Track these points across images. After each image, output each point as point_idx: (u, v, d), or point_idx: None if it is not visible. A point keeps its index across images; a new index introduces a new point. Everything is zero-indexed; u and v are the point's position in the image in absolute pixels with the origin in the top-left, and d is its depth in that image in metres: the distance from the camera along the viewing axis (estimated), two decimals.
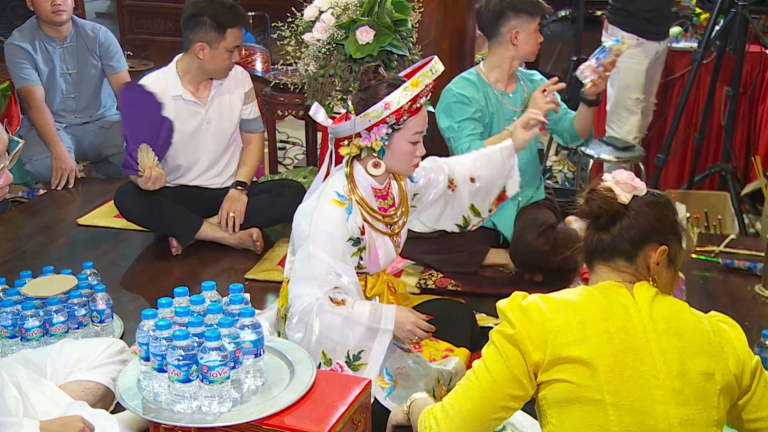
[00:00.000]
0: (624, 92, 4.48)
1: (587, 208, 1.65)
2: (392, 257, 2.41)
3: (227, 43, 3.26)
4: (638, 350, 1.53)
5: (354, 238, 2.26)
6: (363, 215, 2.29)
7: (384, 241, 2.35)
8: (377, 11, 3.14)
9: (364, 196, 2.30)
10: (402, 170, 2.34)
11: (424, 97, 2.23)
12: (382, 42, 3.15)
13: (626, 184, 1.64)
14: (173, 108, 3.28)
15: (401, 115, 2.20)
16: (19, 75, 4.03)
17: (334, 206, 2.24)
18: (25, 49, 4.02)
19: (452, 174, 2.56)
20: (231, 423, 1.77)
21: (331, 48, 3.22)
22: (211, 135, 3.39)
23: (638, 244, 1.62)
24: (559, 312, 1.57)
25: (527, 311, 1.58)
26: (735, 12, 4.02)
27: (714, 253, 3.25)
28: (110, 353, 2.24)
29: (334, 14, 3.18)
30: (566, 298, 1.60)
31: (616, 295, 1.60)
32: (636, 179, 1.65)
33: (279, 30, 3.31)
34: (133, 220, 3.40)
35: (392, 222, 2.38)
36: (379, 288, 2.39)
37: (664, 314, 1.58)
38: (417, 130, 2.26)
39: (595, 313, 1.57)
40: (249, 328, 1.86)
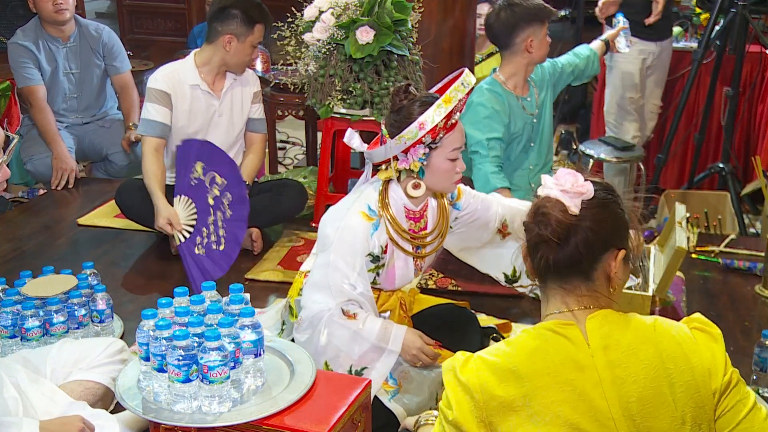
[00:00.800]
0: (619, 92, 4.49)
1: (537, 230, 1.48)
2: (409, 279, 2.37)
3: (254, 38, 3.30)
4: (596, 414, 1.39)
5: (374, 255, 2.23)
6: (390, 233, 2.25)
7: (406, 261, 2.31)
8: (377, 11, 3.14)
9: (395, 215, 2.26)
10: (444, 188, 2.28)
11: (458, 112, 2.17)
12: (382, 42, 3.15)
13: (574, 192, 1.47)
14: (189, 96, 3.31)
15: (437, 134, 2.14)
16: (21, 74, 4.03)
17: (361, 219, 2.21)
18: (29, 48, 4.02)
19: (507, 218, 2.48)
20: (231, 423, 1.77)
21: (331, 48, 3.22)
22: (221, 128, 3.40)
23: (597, 256, 1.47)
24: (501, 385, 1.41)
25: (467, 389, 1.43)
26: (735, 12, 4.02)
27: (714, 253, 3.25)
28: (110, 353, 2.24)
29: (334, 14, 3.18)
30: (508, 363, 1.43)
31: (565, 344, 1.44)
32: (579, 179, 1.48)
33: (279, 30, 3.32)
34: (133, 217, 3.40)
35: (420, 245, 2.33)
36: (390, 305, 2.37)
37: (621, 357, 1.42)
38: (455, 147, 2.19)
39: (542, 378, 1.41)
40: (249, 328, 1.86)
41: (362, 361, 2.17)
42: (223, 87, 3.40)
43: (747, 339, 2.61)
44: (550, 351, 1.43)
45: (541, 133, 3.34)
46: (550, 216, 1.46)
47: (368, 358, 2.17)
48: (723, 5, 4.08)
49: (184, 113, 3.32)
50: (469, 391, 1.42)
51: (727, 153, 4.29)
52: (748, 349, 2.49)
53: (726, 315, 2.80)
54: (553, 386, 1.40)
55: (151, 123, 3.30)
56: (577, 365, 1.41)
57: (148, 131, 3.31)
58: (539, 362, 1.42)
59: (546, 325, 1.48)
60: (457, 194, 2.44)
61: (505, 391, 1.40)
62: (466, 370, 1.44)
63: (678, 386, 1.41)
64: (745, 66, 4.26)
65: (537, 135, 3.33)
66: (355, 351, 2.15)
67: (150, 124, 3.30)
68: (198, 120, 3.35)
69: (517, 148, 3.29)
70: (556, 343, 1.44)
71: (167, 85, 3.28)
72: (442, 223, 2.38)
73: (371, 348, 2.15)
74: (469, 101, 3.13)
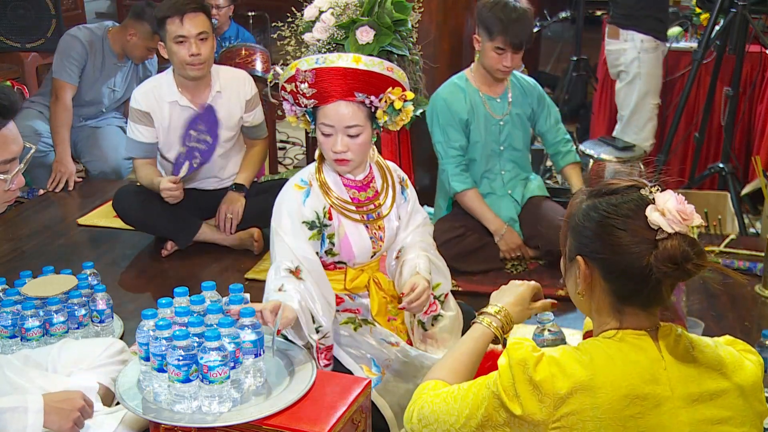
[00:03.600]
0: (645, 99, 4.47)
1: (676, 276, 1.44)
2: (368, 249, 2.34)
3: (170, 33, 3.17)
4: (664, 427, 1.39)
5: (309, 222, 2.26)
6: (331, 200, 2.29)
7: (357, 229, 2.31)
8: (377, 11, 3.14)
9: (330, 184, 2.31)
10: (329, 161, 2.30)
11: (306, 83, 2.15)
12: (382, 42, 3.15)
13: (689, 222, 1.43)
14: (168, 114, 3.26)
15: (295, 96, 2.20)
16: (63, 67, 4.04)
17: (293, 189, 2.29)
18: (84, 47, 4.06)
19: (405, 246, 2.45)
20: (231, 423, 1.77)
21: (331, 48, 3.22)
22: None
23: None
24: (573, 396, 1.39)
25: (539, 391, 1.40)
26: (735, 12, 4.02)
27: (714, 253, 3.25)
28: (110, 353, 2.24)
29: (334, 14, 3.18)
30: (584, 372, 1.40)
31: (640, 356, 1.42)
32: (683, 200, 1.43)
33: (279, 30, 3.31)
34: (131, 224, 3.38)
35: (371, 212, 2.34)
36: (360, 281, 2.37)
37: (694, 373, 1.43)
38: (323, 122, 2.21)
39: (614, 396, 1.38)
40: (249, 328, 1.86)
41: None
42: (206, 99, 3.31)
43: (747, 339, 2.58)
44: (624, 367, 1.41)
45: (511, 141, 3.26)
46: (702, 262, 1.45)
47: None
48: (723, 5, 4.08)
49: (164, 131, 3.29)
50: (541, 393, 1.40)
51: (727, 153, 4.28)
52: None
53: (726, 315, 2.80)
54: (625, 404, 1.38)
55: (137, 144, 3.30)
56: (653, 379, 1.41)
57: (135, 153, 3.32)
58: (613, 378, 1.40)
59: (618, 336, 1.46)
60: (405, 181, 2.46)
61: (577, 400, 1.39)
62: (540, 371, 1.42)
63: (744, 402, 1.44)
64: (745, 66, 4.26)
65: (506, 141, 3.25)
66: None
67: (135, 145, 3.31)
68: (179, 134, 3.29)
69: (484, 150, 3.24)
70: (630, 356, 1.42)
71: (146, 104, 3.25)
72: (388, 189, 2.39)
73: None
74: (435, 93, 3.22)
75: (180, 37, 3.16)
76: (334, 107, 2.18)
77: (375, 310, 2.37)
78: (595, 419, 1.38)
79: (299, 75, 2.15)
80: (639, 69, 4.42)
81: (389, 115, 2.24)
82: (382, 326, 2.35)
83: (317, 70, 2.14)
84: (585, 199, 1.50)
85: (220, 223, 3.37)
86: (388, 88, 2.19)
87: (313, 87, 2.16)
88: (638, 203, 1.44)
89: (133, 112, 3.27)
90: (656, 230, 1.41)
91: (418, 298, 2.22)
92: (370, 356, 2.26)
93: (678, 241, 1.40)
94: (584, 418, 1.38)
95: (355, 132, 2.20)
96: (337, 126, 2.19)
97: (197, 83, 3.28)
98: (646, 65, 4.41)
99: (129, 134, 3.32)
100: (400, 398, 2.18)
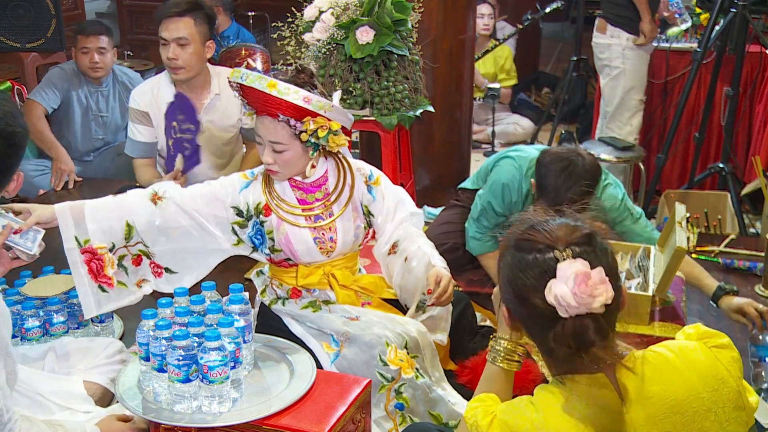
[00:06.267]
0: (629, 94, 4.50)
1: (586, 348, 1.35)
2: (312, 250, 2.34)
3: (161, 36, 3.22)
4: None
5: (239, 209, 2.32)
6: (267, 198, 2.33)
7: (299, 230, 2.31)
8: (377, 11, 3.14)
9: (275, 185, 2.35)
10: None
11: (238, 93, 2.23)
12: (382, 42, 3.15)
13: (597, 302, 1.33)
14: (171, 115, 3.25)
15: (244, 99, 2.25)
16: (39, 90, 4.09)
17: (238, 176, 2.38)
18: (67, 78, 4.09)
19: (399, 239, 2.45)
20: (231, 423, 1.77)
21: (331, 48, 3.22)
22: (204, 143, 3.35)
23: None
24: None
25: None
26: (735, 12, 4.02)
27: (714, 253, 3.25)
28: (109, 353, 2.24)
29: (334, 14, 3.18)
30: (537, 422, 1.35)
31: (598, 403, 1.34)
32: (592, 279, 1.33)
33: (279, 30, 3.31)
34: None
35: (319, 215, 2.34)
36: (313, 279, 2.38)
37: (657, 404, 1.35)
38: (256, 131, 2.28)
39: None
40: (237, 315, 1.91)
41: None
42: (205, 101, 3.31)
43: (747, 339, 2.61)
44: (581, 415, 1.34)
45: None
46: (598, 344, 1.35)
47: None
48: (723, 5, 4.08)
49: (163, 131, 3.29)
50: None
51: (727, 153, 4.29)
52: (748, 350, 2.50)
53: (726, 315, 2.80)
54: None
55: (136, 144, 3.31)
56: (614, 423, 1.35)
57: (135, 152, 3.33)
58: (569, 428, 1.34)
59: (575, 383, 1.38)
60: (375, 180, 2.46)
61: None
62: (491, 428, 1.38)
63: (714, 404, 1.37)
64: (745, 66, 4.26)
65: None
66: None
67: (135, 144, 3.32)
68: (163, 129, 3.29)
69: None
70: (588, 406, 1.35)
71: (144, 104, 3.26)
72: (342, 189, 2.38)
73: None
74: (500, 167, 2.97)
75: (162, 39, 3.21)
76: (260, 120, 2.25)
77: (341, 301, 2.40)
78: None
79: (230, 83, 2.22)
80: (624, 65, 4.46)
81: (318, 140, 2.23)
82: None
83: (239, 84, 2.19)
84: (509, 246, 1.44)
85: None
86: (307, 116, 2.19)
87: (243, 97, 2.24)
88: (543, 270, 1.36)
89: (132, 112, 3.29)
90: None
91: (445, 291, 2.24)
92: (329, 332, 2.29)
93: (573, 325, 1.32)
94: None
95: (280, 149, 2.25)
96: (264, 140, 2.26)
97: (192, 84, 3.28)
98: (631, 61, 4.44)
99: (129, 134, 3.33)
100: (358, 370, 2.18)
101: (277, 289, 2.44)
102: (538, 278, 1.35)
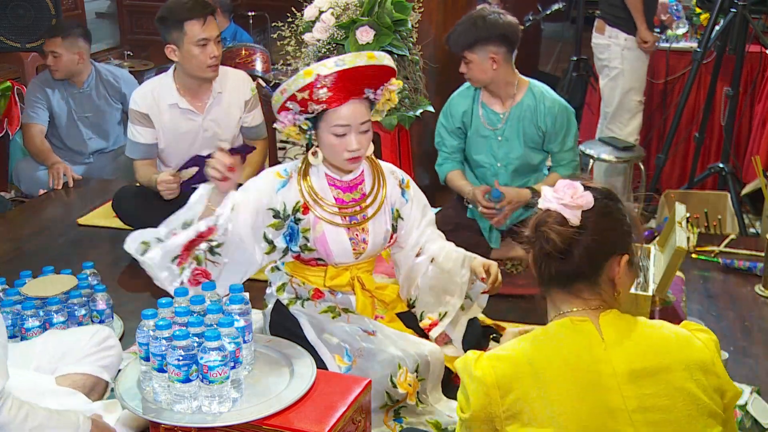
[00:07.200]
0: (628, 95, 4.49)
1: (540, 245, 1.50)
2: (348, 250, 2.34)
3: (190, 36, 3.13)
4: (609, 405, 1.40)
5: (275, 210, 2.28)
6: (304, 197, 2.31)
7: (336, 229, 2.32)
8: (377, 11, 3.14)
9: (313, 182, 2.33)
10: (337, 163, 2.31)
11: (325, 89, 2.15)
12: (382, 42, 3.15)
13: (574, 205, 1.47)
14: (168, 116, 3.25)
15: (305, 104, 2.19)
16: (27, 111, 4.13)
17: (272, 175, 2.33)
18: (43, 88, 4.12)
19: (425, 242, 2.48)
20: (231, 423, 1.77)
21: (331, 48, 3.22)
22: (207, 142, 3.33)
23: (600, 263, 1.49)
24: (517, 378, 1.43)
25: (483, 384, 1.44)
26: (735, 12, 4.02)
27: (714, 253, 3.25)
28: (96, 342, 2.21)
29: (334, 14, 3.18)
30: (523, 356, 1.45)
31: (580, 337, 1.46)
32: (579, 189, 1.49)
33: (279, 30, 3.31)
34: (131, 224, 3.36)
35: (354, 215, 2.34)
36: (342, 280, 2.38)
37: (637, 351, 1.44)
38: (338, 123, 2.22)
39: (555, 372, 1.42)
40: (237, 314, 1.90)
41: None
42: (206, 102, 3.30)
43: (747, 339, 2.61)
44: (564, 344, 1.45)
45: (507, 158, 3.13)
46: (551, 230, 1.48)
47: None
48: (723, 5, 4.08)
49: (165, 133, 3.28)
50: (485, 386, 1.44)
51: (727, 153, 4.29)
52: (748, 349, 2.50)
53: (726, 315, 2.80)
54: (568, 378, 1.42)
55: (136, 145, 3.30)
56: (593, 358, 1.43)
57: (134, 154, 3.32)
58: (554, 355, 1.44)
59: (559, 321, 1.50)
60: (406, 183, 2.48)
61: (521, 383, 1.42)
62: (480, 366, 1.46)
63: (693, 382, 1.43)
64: (745, 66, 4.26)
65: (502, 158, 3.13)
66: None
67: (135, 146, 3.31)
68: (180, 139, 3.30)
69: (480, 157, 3.16)
70: (570, 337, 1.46)
71: (145, 105, 3.24)
72: (378, 191, 2.40)
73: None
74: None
75: (203, 39, 3.14)
76: (349, 107, 2.21)
77: (359, 308, 2.39)
78: (540, 398, 1.41)
79: (319, 81, 2.15)
80: (622, 65, 4.45)
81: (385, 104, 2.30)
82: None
83: (339, 72, 2.14)
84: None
85: None
86: (390, 78, 2.25)
87: (331, 90, 2.17)
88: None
89: (132, 113, 3.27)
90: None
91: (497, 278, 2.32)
92: (344, 345, 2.26)
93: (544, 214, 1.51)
94: (531, 400, 1.42)
95: (366, 127, 2.26)
96: (353, 124, 2.23)
97: (202, 85, 3.28)
98: (629, 62, 4.43)
99: (128, 136, 3.33)
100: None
101: (297, 288, 2.42)
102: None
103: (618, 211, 1.52)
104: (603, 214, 1.49)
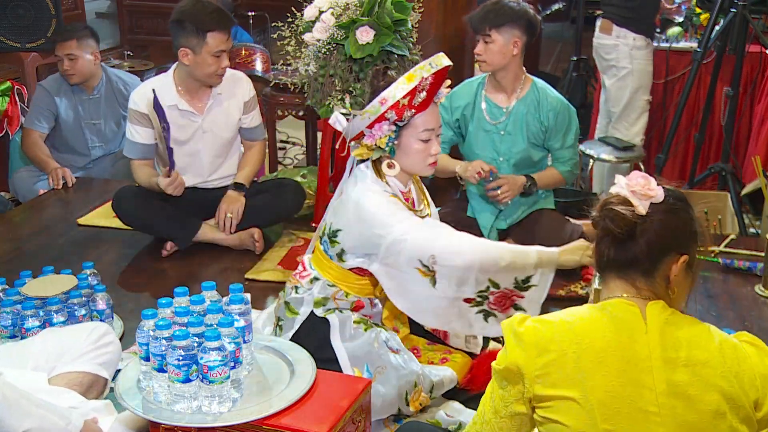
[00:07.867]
0: (637, 94, 4.49)
1: (603, 224, 1.54)
2: None
3: (210, 47, 3.16)
4: (639, 382, 1.44)
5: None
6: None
7: None
8: (377, 11, 3.13)
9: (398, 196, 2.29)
10: (418, 170, 2.28)
11: (424, 92, 2.14)
12: (382, 42, 3.15)
13: (643, 194, 1.52)
14: (167, 118, 3.22)
15: (402, 111, 2.14)
16: (30, 116, 4.09)
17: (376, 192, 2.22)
18: (50, 93, 4.07)
19: None
20: (231, 423, 1.77)
21: (331, 48, 3.21)
22: (206, 143, 3.35)
23: (658, 258, 1.51)
24: (555, 342, 1.47)
25: (522, 341, 1.49)
26: (735, 12, 4.02)
27: (714, 253, 3.25)
28: (93, 339, 2.20)
29: (334, 14, 3.18)
30: (566, 323, 1.50)
31: (624, 316, 1.49)
32: (652, 183, 1.53)
33: (279, 30, 3.31)
34: (131, 224, 3.38)
35: None
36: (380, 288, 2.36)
37: (676, 342, 1.46)
38: (426, 128, 2.20)
39: (594, 341, 1.46)
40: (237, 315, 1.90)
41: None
42: (206, 103, 3.31)
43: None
44: (608, 321, 1.49)
45: (509, 153, 3.15)
46: (618, 211, 1.51)
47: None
48: (723, 5, 4.08)
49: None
50: (523, 342, 1.49)
51: (727, 153, 4.29)
52: None
53: (726, 315, 2.80)
54: (605, 349, 1.46)
55: (135, 145, 3.30)
56: (632, 339, 1.47)
57: (133, 154, 3.32)
58: (596, 329, 1.48)
59: (608, 301, 1.54)
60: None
61: (559, 346, 1.47)
62: (523, 324, 1.51)
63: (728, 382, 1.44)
64: (745, 66, 4.26)
65: (504, 152, 3.15)
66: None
67: (133, 146, 3.31)
68: (179, 138, 3.29)
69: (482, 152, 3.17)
70: (616, 316, 1.50)
71: (145, 105, 3.24)
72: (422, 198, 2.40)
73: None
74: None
75: (221, 51, 3.18)
76: (433, 110, 2.21)
77: (385, 314, 2.38)
78: (574, 362, 1.45)
79: (421, 84, 2.12)
80: (631, 65, 4.44)
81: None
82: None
83: (435, 74, 2.14)
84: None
85: (220, 222, 3.37)
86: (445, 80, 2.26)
87: (428, 93, 2.16)
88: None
89: (131, 113, 3.28)
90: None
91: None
92: (365, 360, 2.24)
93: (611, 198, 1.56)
94: (564, 363, 1.46)
95: (440, 131, 2.26)
96: (436, 128, 2.22)
97: (202, 86, 3.29)
98: (638, 61, 4.43)
99: (127, 135, 3.33)
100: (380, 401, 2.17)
101: (339, 302, 2.35)
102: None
103: (686, 212, 1.56)
104: (670, 211, 1.53)
